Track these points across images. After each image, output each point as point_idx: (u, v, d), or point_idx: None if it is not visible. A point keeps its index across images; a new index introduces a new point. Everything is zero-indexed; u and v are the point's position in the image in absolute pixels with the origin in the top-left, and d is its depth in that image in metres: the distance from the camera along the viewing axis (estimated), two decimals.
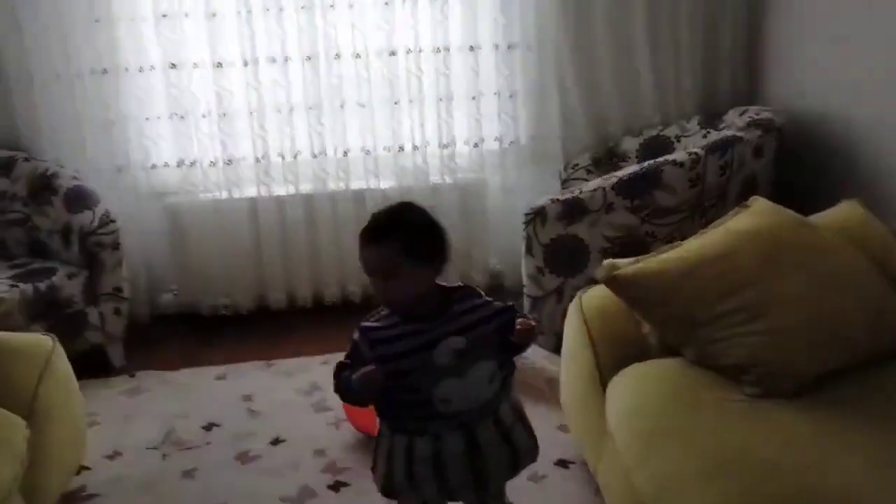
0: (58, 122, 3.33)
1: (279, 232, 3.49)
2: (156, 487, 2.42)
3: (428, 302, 1.65)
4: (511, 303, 1.75)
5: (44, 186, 3.22)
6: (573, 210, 2.84)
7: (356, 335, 1.67)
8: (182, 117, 3.35)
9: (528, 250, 2.93)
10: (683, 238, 2.27)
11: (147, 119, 3.38)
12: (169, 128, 3.39)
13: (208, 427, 2.73)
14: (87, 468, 2.49)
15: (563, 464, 2.41)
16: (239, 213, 3.47)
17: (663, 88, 3.49)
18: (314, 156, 3.44)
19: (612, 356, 2.12)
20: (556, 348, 2.57)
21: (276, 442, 2.62)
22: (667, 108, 3.51)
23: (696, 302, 2.00)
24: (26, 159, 3.31)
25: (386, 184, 3.50)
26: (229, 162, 3.41)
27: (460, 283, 1.74)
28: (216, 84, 3.31)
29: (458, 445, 1.66)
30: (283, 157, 3.43)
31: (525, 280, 2.99)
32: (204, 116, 3.36)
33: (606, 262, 2.14)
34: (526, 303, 3.00)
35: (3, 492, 1.81)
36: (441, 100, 3.41)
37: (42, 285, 2.96)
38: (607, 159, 3.49)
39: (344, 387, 1.65)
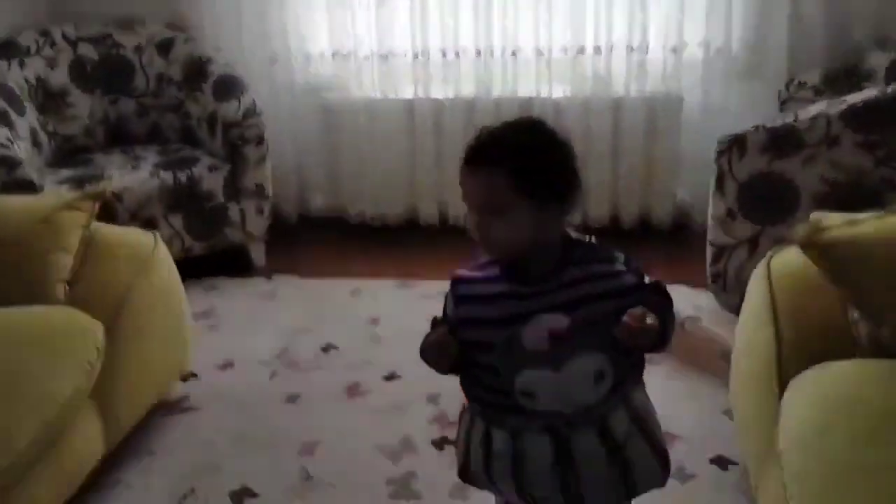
0: (218, 3, 3.13)
1: (434, 139, 3.13)
2: (255, 409, 2.23)
3: (543, 257, 1.23)
4: (653, 280, 1.27)
5: (197, 72, 3.07)
6: (782, 140, 2.20)
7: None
8: (339, 2, 3.03)
9: (719, 187, 2.33)
10: None
11: (304, 5, 3.09)
12: (325, 16, 3.08)
13: (326, 349, 2.50)
14: (195, 375, 2.36)
15: (721, 463, 1.91)
16: (394, 115, 3.14)
17: None
18: (478, 54, 2.99)
19: (800, 345, 1.58)
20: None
21: (390, 377, 2.33)
22: None
23: None
24: (186, 41, 3.16)
25: (560, 92, 2.99)
26: (385, 56, 3.06)
27: (591, 239, 1.27)
28: None
29: (543, 453, 1.24)
30: (445, 55, 3.02)
31: (710, 223, 2.42)
32: (360, 3, 3.01)
33: (813, 216, 1.57)
34: (708, 252, 2.44)
35: (61, 405, 1.65)
36: None
37: (182, 175, 2.83)
38: (845, 78, 2.73)
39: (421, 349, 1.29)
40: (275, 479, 1.94)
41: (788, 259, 1.71)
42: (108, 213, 2.38)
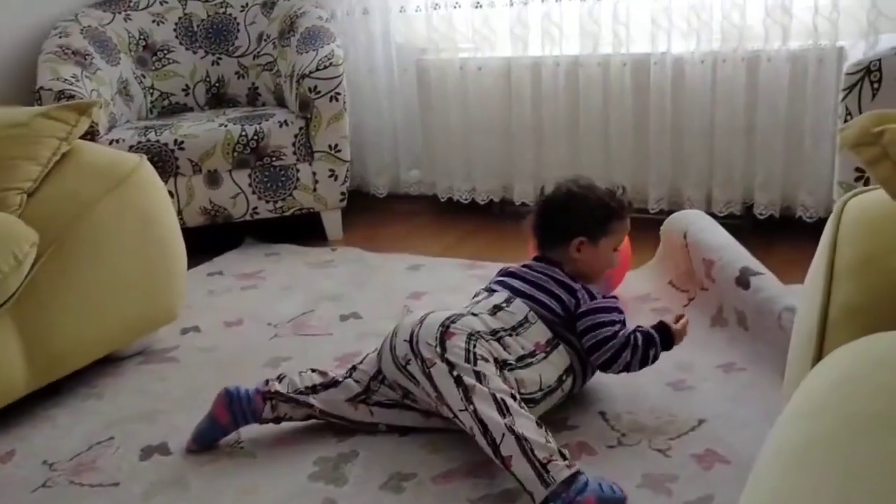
0: None
1: (532, 107, 2.70)
2: (232, 367, 1.91)
3: None
4: None
5: (289, 28, 2.91)
6: None
7: None
8: None
9: None
10: None
11: None
12: None
13: (346, 317, 2.16)
14: (198, 329, 2.12)
15: None
16: (493, 77, 2.75)
17: None
18: None
19: (861, 310, 1.00)
20: None
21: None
22: None
23: None
24: None
25: (682, 47, 2.45)
26: (479, 5, 2.70)
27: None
28: None
29: None
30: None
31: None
32: None
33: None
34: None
35: None
36: None
37: (250, 129, 2.65)
38: None
39: None
40: None
41: (869, 200, 1.11)
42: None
